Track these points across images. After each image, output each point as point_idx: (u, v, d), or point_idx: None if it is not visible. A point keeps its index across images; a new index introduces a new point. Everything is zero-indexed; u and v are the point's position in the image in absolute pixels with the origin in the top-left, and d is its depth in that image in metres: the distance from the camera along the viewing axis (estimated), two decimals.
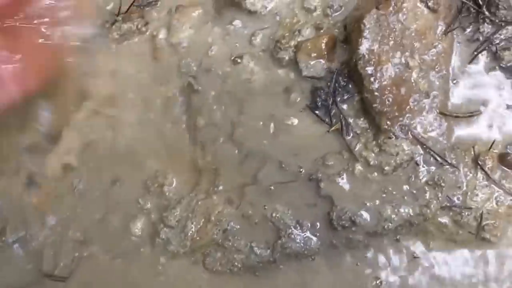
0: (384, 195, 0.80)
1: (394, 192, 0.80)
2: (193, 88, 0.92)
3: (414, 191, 0.79)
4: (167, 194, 0.91)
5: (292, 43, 0.86)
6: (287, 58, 0.86)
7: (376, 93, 0.77)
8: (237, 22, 0.92)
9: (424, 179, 0.79)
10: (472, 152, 0.78)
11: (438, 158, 0.78)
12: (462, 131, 0.81)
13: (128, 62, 0.96)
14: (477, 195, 0.77)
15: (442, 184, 0.78)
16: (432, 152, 0.78)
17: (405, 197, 0.79)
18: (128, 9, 0.96)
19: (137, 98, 0.96)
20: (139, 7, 0.98)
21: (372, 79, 0.77)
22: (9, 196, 0.95)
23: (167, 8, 0.97)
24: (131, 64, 0.96)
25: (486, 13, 0.78)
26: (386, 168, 0.79)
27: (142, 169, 0.93)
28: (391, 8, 0.77)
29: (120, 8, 0.96)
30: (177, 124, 0.93)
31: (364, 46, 0.77)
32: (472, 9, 0.79)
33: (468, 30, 0.81)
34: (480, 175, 0.77)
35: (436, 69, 0.79)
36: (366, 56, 0.77)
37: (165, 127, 0.94)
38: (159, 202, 0.91)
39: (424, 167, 0.79)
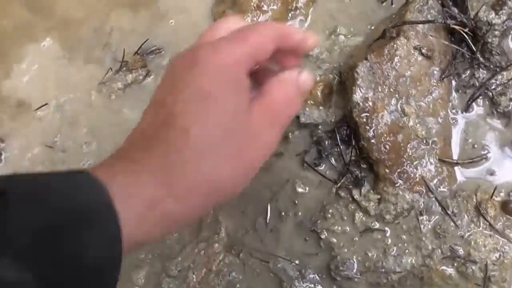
0: (386, 245, 0.78)
1: (395, 242, 0.77)
2: None
3: (416, 241, 0.77)
4: (168, 242, 0.90)
5: None
6: None
7: (372, 141, 0.76)
8: None
9: (426, 228, 0.76)
10: (474, 200, 0.75)
11: (440, 207, 0.76)
12: (463, 178, 0.79)
13: (131, 111, 0.97)
14: (480, 245, 0.74)
15: (445, 234, 0.75)
16: (434, 198, 0.76)
17: (408, 247, 0.77)
18: (135, 57, 0.96)
19: None
20: (143, 55, 0.99)
21: (367, 127, 0.76)
22: None
23: (169, 55, 0.98)
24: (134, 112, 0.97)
25: (481, 59, 0.77)
26: (387, 217, 0.77)
27: None
28: (384, 56, 0.76)
29: (123, 58, 0.97)
30: None
31: (358, 94, 0.76)
32: (466, 55, 0.78)
33: (464, 75, 0.80)
34: (482, 224, 0.75)
35: (434, 115, 0.78)
36: (361, 104, 0.76)
37: None
38: (162, 252, 0.89)
39: (425, 215, 0.77)
